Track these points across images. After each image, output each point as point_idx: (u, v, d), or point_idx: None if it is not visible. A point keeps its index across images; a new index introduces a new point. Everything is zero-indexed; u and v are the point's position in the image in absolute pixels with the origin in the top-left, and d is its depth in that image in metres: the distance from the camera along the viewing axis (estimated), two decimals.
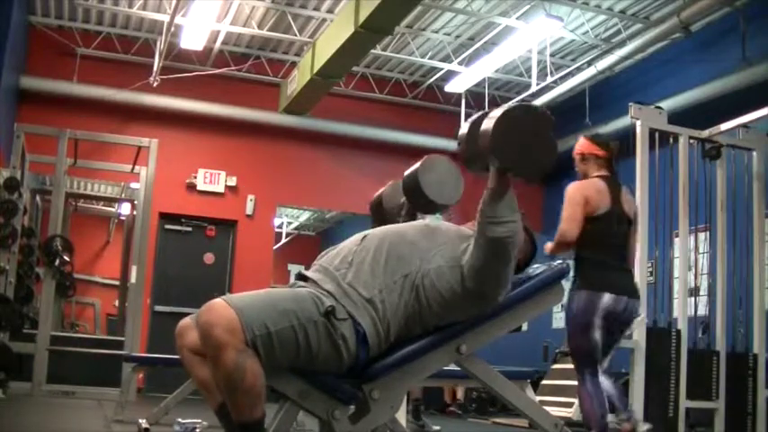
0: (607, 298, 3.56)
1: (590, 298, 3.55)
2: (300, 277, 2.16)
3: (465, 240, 2.14)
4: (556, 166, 2.05)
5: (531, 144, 1.97)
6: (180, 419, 4.34)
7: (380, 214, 2.66)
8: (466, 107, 9.71)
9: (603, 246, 3.70)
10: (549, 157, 2.00)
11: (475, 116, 2.12)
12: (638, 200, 5.28)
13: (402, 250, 2.10)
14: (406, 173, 2.46)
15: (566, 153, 10.90)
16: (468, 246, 2.09)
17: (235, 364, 1.80)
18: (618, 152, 4.05)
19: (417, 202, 2.45)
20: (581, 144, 4.25)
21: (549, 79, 8.52)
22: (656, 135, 5.43)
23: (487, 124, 1.96)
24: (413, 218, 2.56)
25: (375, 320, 2.00)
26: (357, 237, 2.18)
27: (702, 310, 5.73)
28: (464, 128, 2.15)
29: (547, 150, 2.00)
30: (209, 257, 9.49)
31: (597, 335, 3.52)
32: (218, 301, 1.88)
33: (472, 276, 2.05)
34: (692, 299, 5.49)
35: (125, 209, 11.15)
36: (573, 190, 3.94)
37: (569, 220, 3.74)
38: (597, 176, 3.95)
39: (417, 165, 2.42)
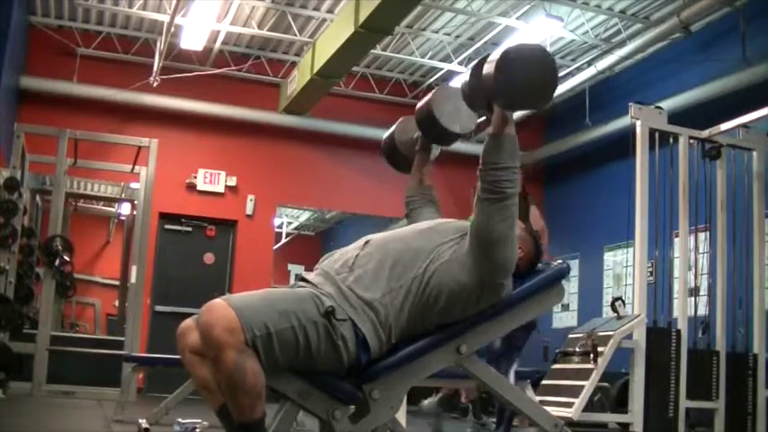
0: None
1: None
2: (301, 280, 2.16)
3: (466, 233, 2.14)
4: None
5: (531, 78, 2.04)
6: (180, 419, 4.34)
7: (393, 152, 2.64)
8: None
9: None
10: (549, 87, 2.08)
11: (476, 60, 2.18)
12: (638, 200, 5.29)
13: (407, 255, 2.10)
14: (419, 104, 2.47)
15: (566, 153, 10.95)
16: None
17: (235, 364, 1.80)
18: (525, 176, 4.70)
19: (431, 132, 2.47)
20: None
21: None
22: (656, 135, 5.43)
23: (488, 68, 2.04)
24: (427, 152, 2.57)
25: (375, 325, 2.00)
26: (359, 242, 2.18)
27: (702, 310, 5.72)
28: (466, 74, 2.21)
29: (547, 81, 2.08)
30: (209, 257, 9.49)
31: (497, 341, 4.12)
32: (218, 301, 1.88)
33: (476, 239, 2.04)
34: (692, 299, 5.49)
35: (125, 209, 11.14)
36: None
37: None
38: None
39: (429, 95, 2.44)
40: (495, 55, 2.05)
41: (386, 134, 2.68)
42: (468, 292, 2.06)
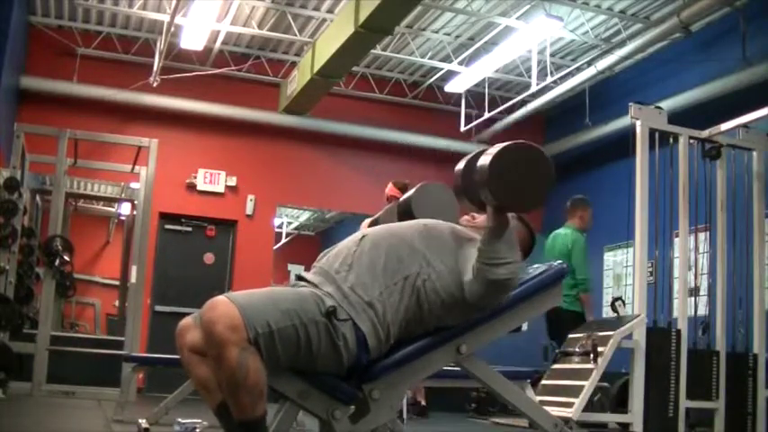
0: None
1: None
2: (300, 279, 2.17)
3: (461, 243, 2.14)
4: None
5: (526, 179, 1.99)
6: (180, 419, 4.34)
7: None
8: (466, 107, 9.71)
9: None
10: (544, 191, 2.02)
11: (472, 153, 2.15)
12: (638, 200, 5.29)
13: (401, 252, 2.10)
14: (402, 198, 2.53)
15: (566, 153, 10.97)
16: (467, 252, 2.09)
17: (237, 361, 1.80)
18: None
19: None
20: (389, 188, 5.49)
21: (549, 79, 8.52)
22: (656, 135, 5.43)
23: (484, 161, 1.98)
24: None
25: (375, 324, 2.00)
26: (356, 237, 2.18)
27: (702, 310, 5.72)
28: (461, 164, 2.18)
29: (542, 185, 2.02)
30: (209, 257, 9.49)
31: None
32: (220, 298, 1.88)
33: (473, 301, 2.08)
34: (692, 299, 5.49)
35: (125, 209, 11.14)
36: (362, 226, 4.80)
37: None
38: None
39: (412, 191, 2.47)
40: (486, 158, 1.98)
41: (371, 219, 2.81)
42: (464, 304, 2.08)
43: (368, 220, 4.73)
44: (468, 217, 2.34)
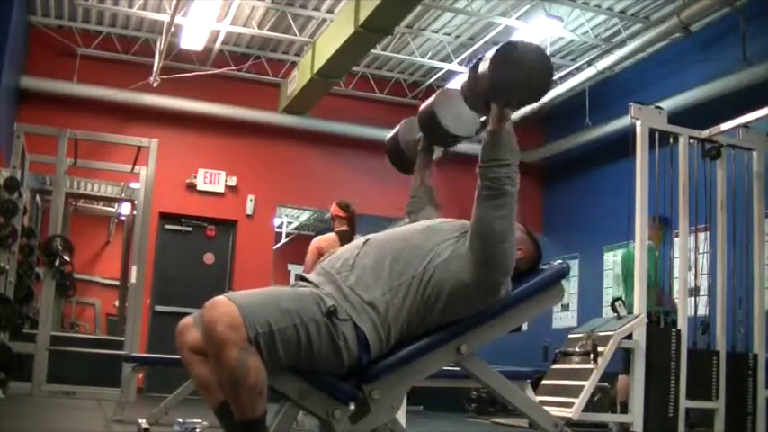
0: None
1: None
2: (301, 280, 2.16)
3: (464, 233, 2.14)
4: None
5: (526, 73, 2.07)
6: (180, 419, 4.34)
7: (397, 153, 2.68)
8: None
9: None
10: (544, 80, 2.11)
11: (473, 63, 2.19)
12: (638, 200, 5.29)
13: (406, 253, 2.10)
14: (422, 106, 2.49)
15: (566, 153, 10.94)
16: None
17: (237, 360, 1.80)
18: (354, 213, 5.52)
19: (434, 134, 2.50)
20: (332, 207, 5.58)
21: None
22: (656, 135, 5.43)
23: (483, 66, 2.07)
24: (430, 153, 2.59)
25: (376, 324, 2.00)
26: (359, 241, 2.18)
27: (702, 310, 5.72)
28: (464, 74, 2.23)
29: (542, 74, 2.10)
30: (209, 257, 9.49)
31: None
32: (221, 298, 1.88)
33: (475, 237, 2.04)
34: (692, 299, 5.49)
35: (125, 209, 11.14)
36: (312, 244, 5.45)
37: (305, 264, 5.36)
38: (337, 231, 5.43)
39: (433, 97, 2.46)
40: (489, 54, 2.08)
41: (389, 135, 2.70)
42: (467, 290, 2.06)
43: (317, 239, 5.53)
44: None
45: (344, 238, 5.25)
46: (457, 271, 2.06)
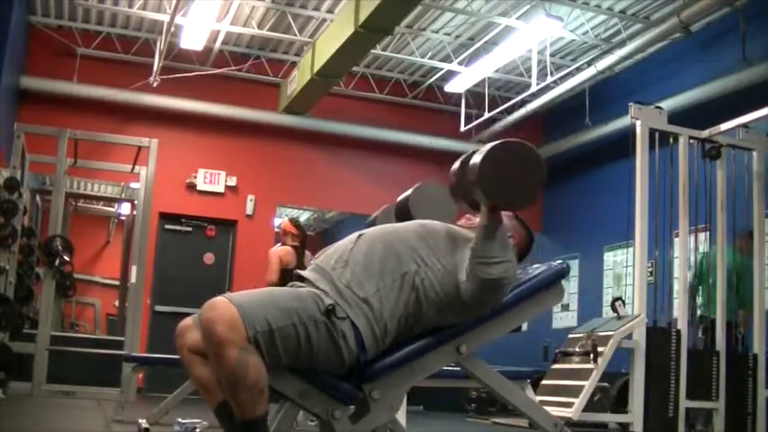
0: None
1: None
2: (297, 277, 2.17)
3: (457, 243, 2.14)
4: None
5: (517, 177, 2.00)
6: (180, 419, 4.34)
7: None
8: (466, 107, 9.71)
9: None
10: (535, 188, 2.04)
11: (466, 153, 2.16)
12: (638, 200, 5.29)
13: (399, 249, 2.10)
14: (399, 198, 2.51)
15: (566, 153, 10.94)
16: (464, 252, 2.09)
17: (237, 360, 1.80)
18: (305, 232, 6.25)
19: None
20: (285, 224, 6.23)
21: (549, 79, 8.52)
22: (656, 135, 5.44)
23: (475, 160, 2.01)
24: None
25: (370, 320, 2.00)
26: (353, 236, 2.19)
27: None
28: (456, 164, 2.18)
29: (533, 182, 2.03)
30: (209, 257, 9.49)
31: None
32: (220, 298, 1.88)
33: (469, 301, 2.06)
34: None
35: (125, 209, 11.14)
36: (272, 253, 5.98)
37: (270, 272, 5.88)
38: (290, 245, 6.04)
39: (409, 191, 2.46)
40: (478, 157, 2.01)
41: (369, 219, 2.76)
42: (461, 304, 2.08)
43: (276, 249, 6.02)
44: (465, 218, 2.33)
45: (298, 253, 6.08)
46: (450, 288, 2.08)
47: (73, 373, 7.41)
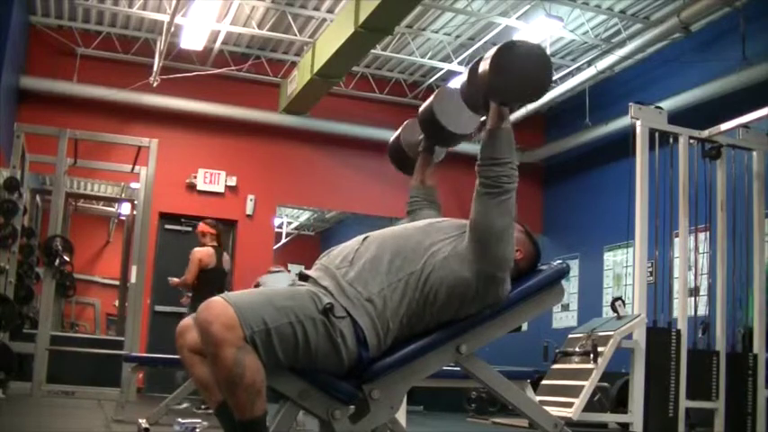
0: None
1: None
2: (301, 277, 2.17)
3: (464, 229, 2.14)
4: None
5: (524, 73, 2.09)
6: (180, 419, 4.34)
7: (399, 155, 2.70)
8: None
9: (209, 285, 6.21)
10: (543, 80, 2.14)
11: (472, 63, 2.22)
12: (638, 200, 5.29)
13: (406, 250, 2.10)
14: (422, 106, 2.51)
15: (566, 153, 10.93)
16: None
17: (234, 360, 1.80)
18: (221, 232, 6.79)
19: (434, 134, 2.52)
20: (202, 226, 6.74)
21: None
22: (656, 135, 5.44)
23: (483, 66, 2.09)
24: (431, 153, 2.60)
25: (373, 319, 2.00)
26: (359, 238, 2.18)
27: (702, 310, 5.73)
28: (464, 74, 2.27)
29: (541, 75, 2.13)
30: None
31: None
32: (216, 298, 1.88)
33: (475, 234, 2.05)
34: (692, 299, 5.49)
35: (125, 209, 11.14)
36: (194, 254, 6.50)
37: (190, 272, 6.43)
38: (210, 245, 6.57)
39: (432, 96, 2.47)
40: (489, 53, 2.10)
41: (392, 137, 2.72)
42: (467, 288, 2.05)
43: (197, 250, 6.56)
44: None
45: (217, 253, 6.59)
46: (456, 268, 2.06)
47: (73, 373, 7.41)
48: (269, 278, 6.38)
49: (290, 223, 15.68)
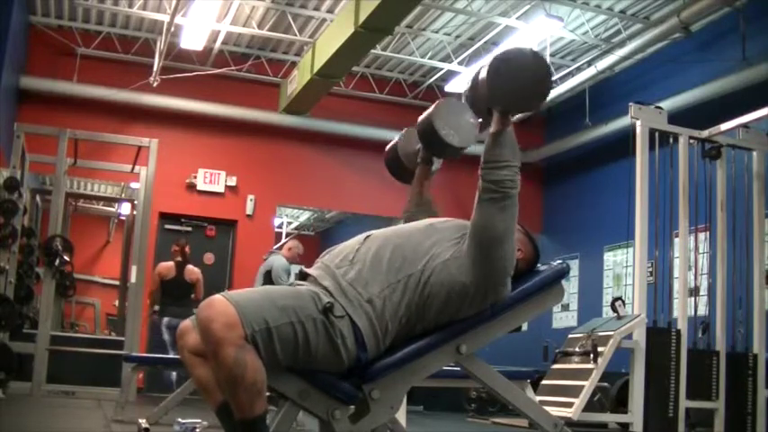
0: (167, 319, 7.72)
1: (160, 319, 7.81)
2: (301, 275, 2.16)
3: (464, 231, 2.14)
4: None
5: (525, 81, 2.09)
6: (180, 419, 4.34)
7: (396, 164, 2.68)
8: None
9: (171, 296, 7.85)
10: (543, 88, 2.14)
11: (477, 69, 2.21)
12: (638, 200, 5.29)
13: (406, 250, 2.09)
14: (421, 117, 2.49)
15: (566, 153, 10.92)
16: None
17: (234, 359, 1.80)
18: (184, 247, 8.06)
19: (433, 145, 2.50)
20: (174, 247, 8.00)
21: None
22: (656, 135, 5.44)
23: (483, 73, 2.09)
24: (429, 163, 2.59)
25: (372, 319, 2.00)
26: (360, 237, 2.18)
27: (702, 310, 5.73)
28: (468, 81, 2.28)
29: (541, 83, 2.13)
30: (209, 257, 9.48)
31: (166, 336, 7.59)
32: (217, 297, 1.88)
33: (476, 239, 2.04)
34: (692, 299, 5.50)
35: (125, 209, 11.14)
36: (156, 270, 7.87)
37: (152, 283, 7.77)
38: (174, 261, 7.90)
39: (432, 107, 2.45)
40: (487, 61, 2.10)
41: (389, 145, 2.71)
42: (466, 292, 2.05)
43: (160, 264, 8.05)
44: None
45: (179, 267, 7.90)
46: (456, 272, 2.06)
47: (73, 373, 7.41)
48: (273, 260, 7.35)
49: (290, 223, 15.68)
